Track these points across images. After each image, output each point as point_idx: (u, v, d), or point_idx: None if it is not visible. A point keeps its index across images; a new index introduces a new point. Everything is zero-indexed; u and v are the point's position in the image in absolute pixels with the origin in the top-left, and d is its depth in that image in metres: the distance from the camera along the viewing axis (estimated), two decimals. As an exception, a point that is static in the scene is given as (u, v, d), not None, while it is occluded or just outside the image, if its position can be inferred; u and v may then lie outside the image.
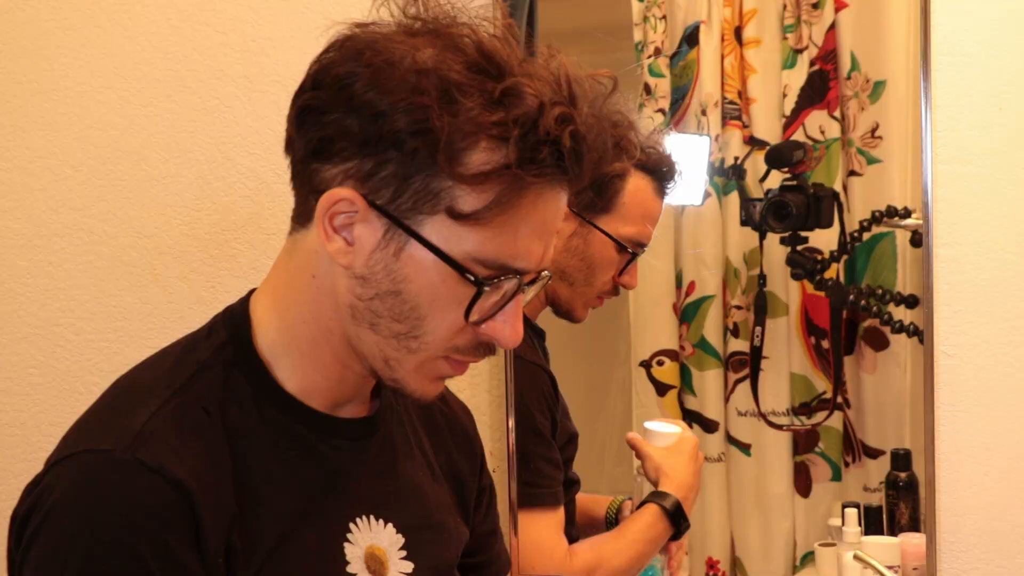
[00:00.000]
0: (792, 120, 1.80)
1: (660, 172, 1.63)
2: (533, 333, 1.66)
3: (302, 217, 1.02)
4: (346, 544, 1.04)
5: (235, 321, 1.05)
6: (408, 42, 0.96)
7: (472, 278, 0.96)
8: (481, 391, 1.66)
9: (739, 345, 1.85)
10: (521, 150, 0.93)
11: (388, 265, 0.97)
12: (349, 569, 1.04)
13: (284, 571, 0.99)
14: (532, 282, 1.02)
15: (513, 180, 0.94)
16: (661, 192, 1.64)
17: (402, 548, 1.09)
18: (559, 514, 1.58)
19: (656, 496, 1.59)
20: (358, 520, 1.06)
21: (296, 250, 1.04)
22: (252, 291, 1.09)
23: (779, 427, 1.83)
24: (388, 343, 1.00)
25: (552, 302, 1.65)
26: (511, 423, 1.63)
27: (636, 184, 1.60)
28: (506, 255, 0.97)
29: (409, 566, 1.09)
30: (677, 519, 1.58)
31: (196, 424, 0.98)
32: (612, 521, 1.72)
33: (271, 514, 0.99)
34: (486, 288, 0.97)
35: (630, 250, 1.61)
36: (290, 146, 1.02)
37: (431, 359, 1.01)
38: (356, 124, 0.95)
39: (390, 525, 1.09)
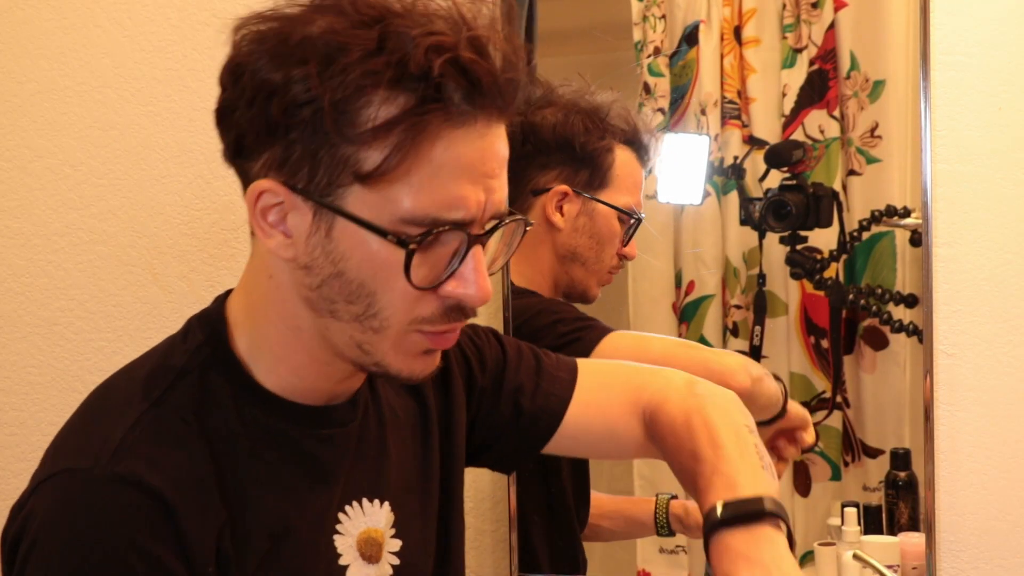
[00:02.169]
0: (791, 119, 1.80)
1: (639, 142, 1.70)
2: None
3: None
4: (336, 536, 1.04)
5: (211, 323, 1.04)
6: (302, 18, 0.94)
7: (395, 239, 0.92)
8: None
9: (738, 344, 1.84)
10: (411, 96, 0.90)
11: (324, 247, 0.95)
12: (341, 562, 1.04)
13: (276, 574, 0.98)
14: (494, 229, 0.98)
15: (409, 126, 0.90)
16: (641, 161, 1.71)
17: (392, 526, 1.08)
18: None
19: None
20: (347, 508, 1.05)
21: (256, 253, 1.03)
22: (227, 292, 1.08)
23: (779, 426, 1.83)
24: (353, 327, 0.97)
25: (567, 287, 1.69)
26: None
27: (622, 156, 1.68)
28: (435, 208, 0.92)
29: (397, 544, 1.09)
30: None
31: (175, 435, 0.96)
32: (663, 524, 1.71)
33: (259, 517, 0.98)
34: (413, 247, 0.93)
35: (633, 218, 1.67)
36: (224, 155, 1.01)
37: (401, 335, 0.97)
38: (257, 112, 0.93)
39: (386, 504, 1.08)
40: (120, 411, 0.97)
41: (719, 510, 1.01)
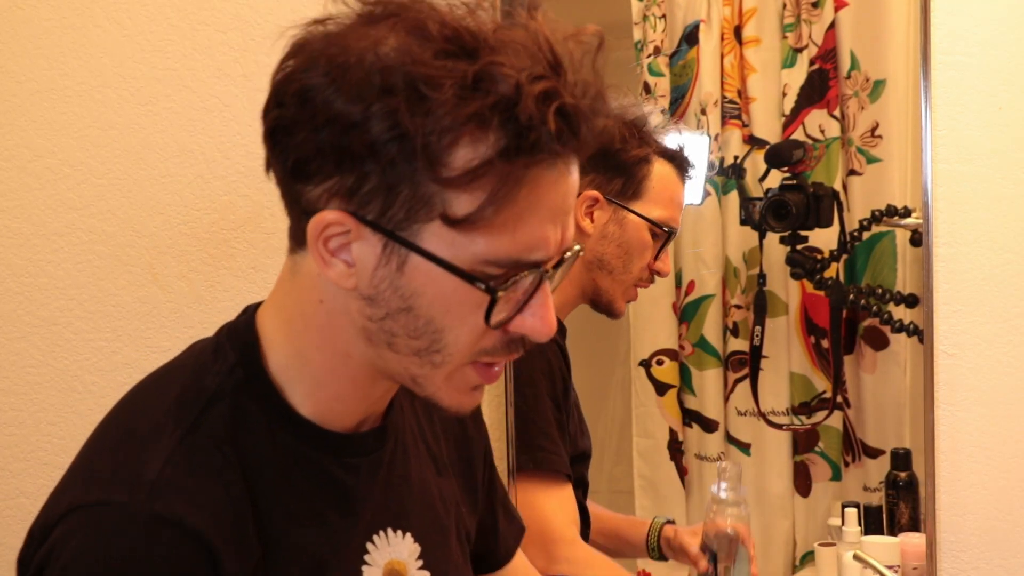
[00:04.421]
0: (792, 119, 1.80)
1: (680, 158, 1.67)
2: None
3: (299, 238, 0.94)
4: (364, 567, 1.01)
5: (243, 341, 0.99)
6: (369, 35, 0.87)
7: (483, 286, 0.89)
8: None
9: (739, 344, 1.85)
10: (507, 139, 0.85)
11: (393, 281, 0.90)
12: None
13: None
14: (558, 264, 0.94)
15: (505, 172, 0.86)
16: (682, 178, 1.68)
17: (419, 557, 1.06)
18: (566, 488, 1.59)
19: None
20: (375, 537, 1.03)
21: (299, 272, 0.96)
22: (254, 306, 1.02)
23: (779, 427, 1.83)
24: (410, 360, 0.94)
25: (593, 295, 1.66)
26: (511, 419, 1.63)
27: (660, 170, 1.65)
28: (518, 250, 0.89)
29: (425, 575, 1.07)
30: None
31: (212, 466, 0.93)
32: (655, 548, 1.70)
33: (292, 553, 0.96)
34: (501, 293, 0.89)
35: (665, 229, 1.64)
36: (269, 167, 0.94)
37: (458, 369, 0.94)
38: (327, 139, 0.87)
39: (408, 535, 1.06)
40: (153, 438, 0.93)
41: None
